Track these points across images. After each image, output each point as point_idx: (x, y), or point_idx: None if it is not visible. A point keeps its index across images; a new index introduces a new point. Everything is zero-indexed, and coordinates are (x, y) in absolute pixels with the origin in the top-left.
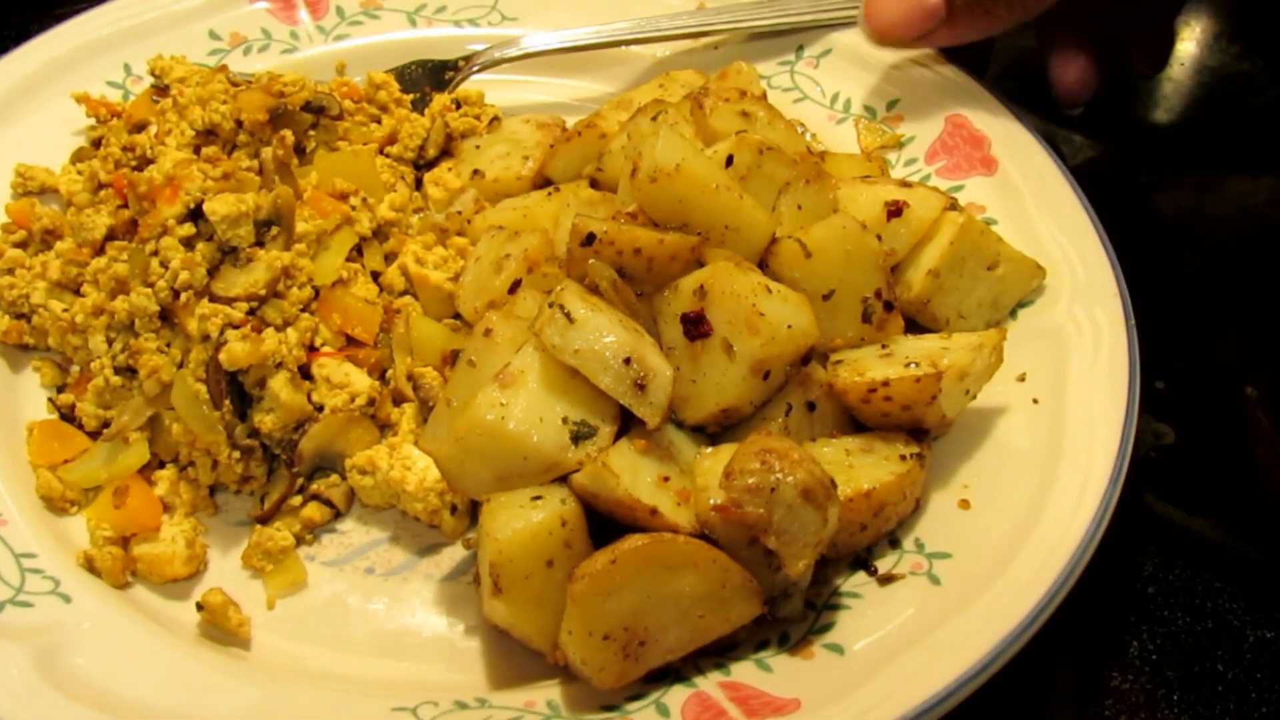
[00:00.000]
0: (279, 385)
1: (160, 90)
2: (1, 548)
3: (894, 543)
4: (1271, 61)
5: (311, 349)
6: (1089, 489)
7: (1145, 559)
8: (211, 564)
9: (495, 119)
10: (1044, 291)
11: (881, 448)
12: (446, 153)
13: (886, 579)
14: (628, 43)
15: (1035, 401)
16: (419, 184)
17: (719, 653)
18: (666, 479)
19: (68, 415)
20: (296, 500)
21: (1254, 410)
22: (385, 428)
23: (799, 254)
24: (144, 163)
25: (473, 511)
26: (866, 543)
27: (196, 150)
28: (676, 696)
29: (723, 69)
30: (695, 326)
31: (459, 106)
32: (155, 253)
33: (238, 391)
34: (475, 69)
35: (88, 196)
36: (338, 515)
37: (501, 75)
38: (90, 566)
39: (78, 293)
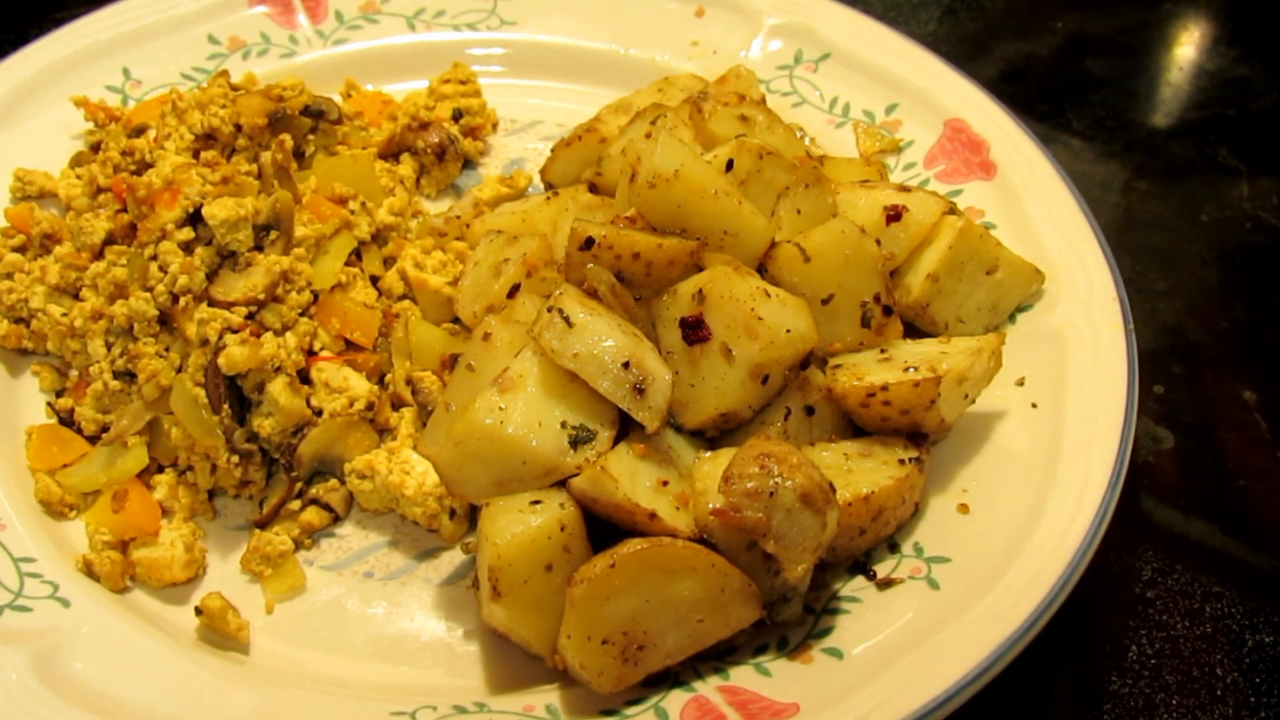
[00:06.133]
0: (278, 389)
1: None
2: (0, 552)
3: (893, 547)
4: (1270, 66)
5: (310, 353)
6: (1088, 493)
7: (1143, 563)
8: (210, 568)
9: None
10: (1043, 296)
11: (880, 452)
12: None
13: (885, 583)
14: None
15: (1034, 406)
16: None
17: (718, 657)
18: (665, 483)
19: (66, 420)
20: (295, 504)
21: (1252, 415)
22: (384, 432)
23: (798, 258)
24: (143, 167)
25: (471, 516)
26: (865, 547)
27: (195, 154)
28: (675, 701)
29: (722, 73)
30: (694, 331)
31: (459, 118)
32: (154, 257)
33: (236, 396)
34: None
35: (86, 201)
36: (336, 519)
37: (501, 80)
38: (89, 571)
39: (77, 297)
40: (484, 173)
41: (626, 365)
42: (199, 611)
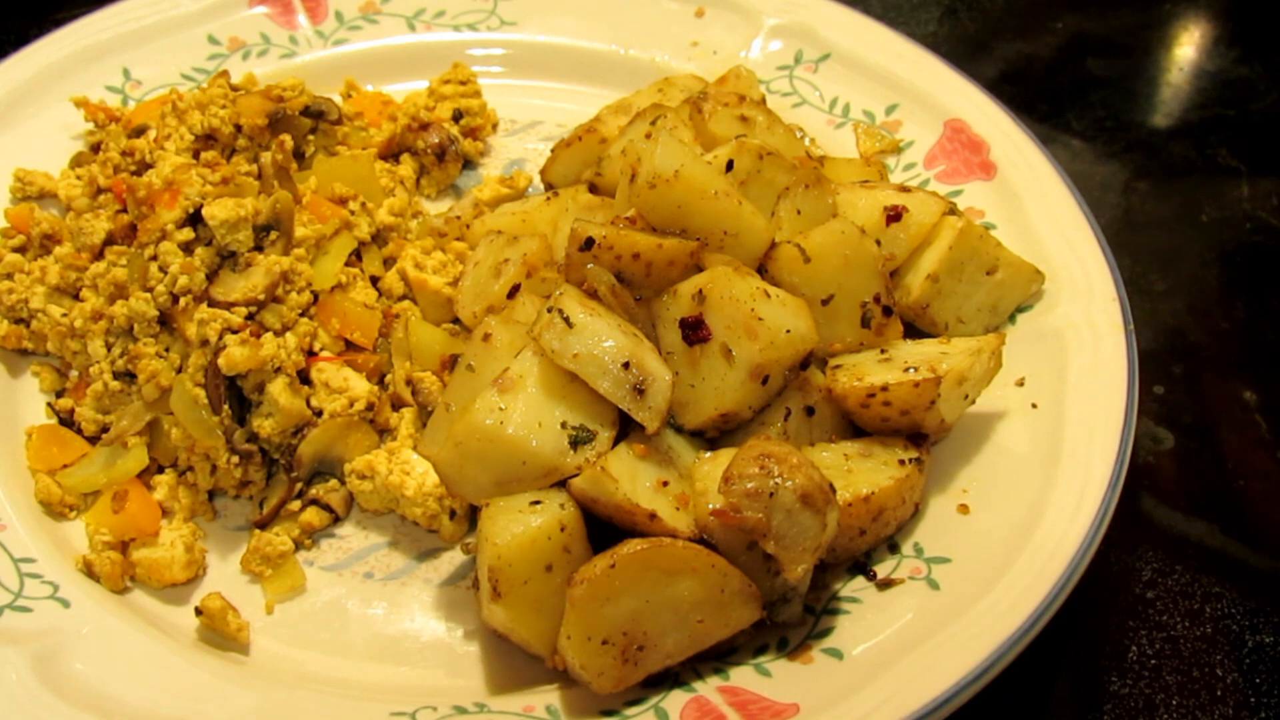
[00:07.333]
0: (278, 390)
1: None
2: (0, 553)
3: (893, 547)
4: (1270, 66)
5: (310, 354)
6: (1088, 493)
7: (1144, 564)
8: (210, 569)
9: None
10: (1043, 296)
11: (880, 452)
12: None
13: (885, 584)
14: None
15: (1034, 406)
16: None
17: (718, 657)
18: (665, 483)
19: (67, 420)
20: (295, 505)
21: (1252, 415)
22: (384, 433)
23: (798, 259)
24: (143, 167)
25: (471, 516)
26: (865, 547)
27: (195, 155)
28: (675, 701)
29: (722, 73)
30: (694, 331)
31: (459, 119)
32: (154, 257)
33: (236, 396)
34: None
35: (87, 201)
36: (336, 520)
37: (501, 80)
38: (89, 571)
39: (77, 298)
40: (484, 173)
41: (626, 365)
42: (199, 612)
